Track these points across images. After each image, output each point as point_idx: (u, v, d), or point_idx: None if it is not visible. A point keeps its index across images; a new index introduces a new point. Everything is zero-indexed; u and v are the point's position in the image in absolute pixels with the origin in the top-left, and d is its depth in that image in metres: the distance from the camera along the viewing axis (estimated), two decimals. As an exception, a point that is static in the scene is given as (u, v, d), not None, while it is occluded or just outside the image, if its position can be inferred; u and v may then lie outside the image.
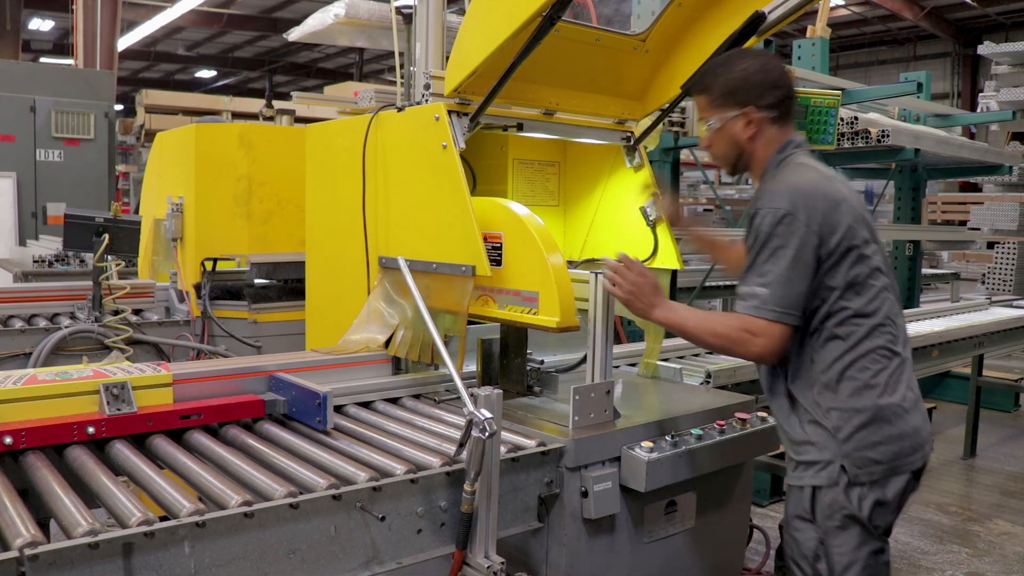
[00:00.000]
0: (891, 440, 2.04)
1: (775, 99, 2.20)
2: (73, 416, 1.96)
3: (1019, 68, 8.59)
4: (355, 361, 2.54)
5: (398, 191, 2.65)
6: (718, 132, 2.25)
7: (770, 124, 2.21)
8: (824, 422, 2.07)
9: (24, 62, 12.85)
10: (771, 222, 2.03)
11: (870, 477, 2.03)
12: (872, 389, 2.04)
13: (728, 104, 2.21)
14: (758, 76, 2.19)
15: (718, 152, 2.30)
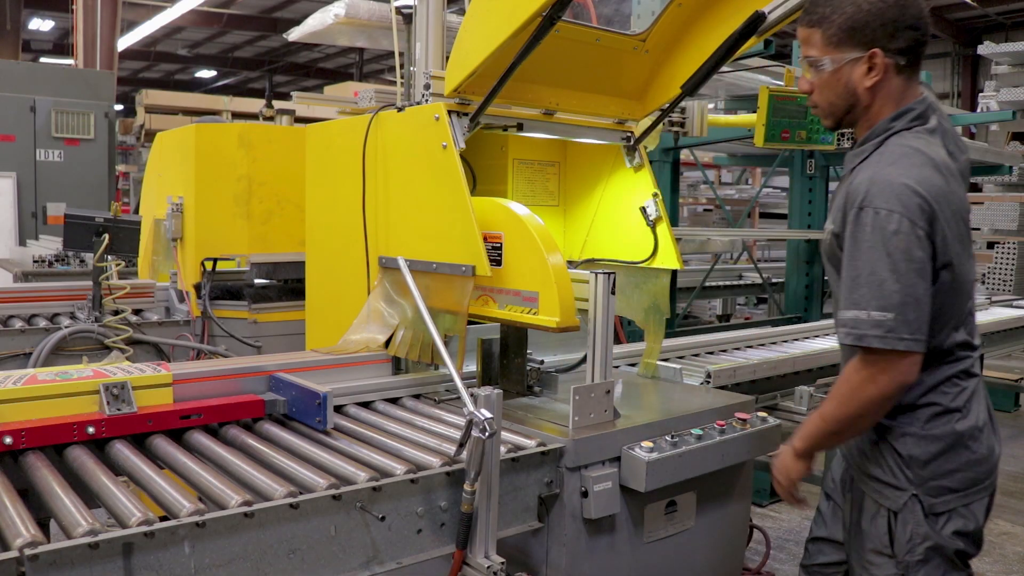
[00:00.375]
0: (967, 467, 1.90)
1: (907, 42, 1.84)
2: (73, 416, 1.96)
3: (1019, 68, 8.59)
4: (355, 361, 2.54)
5: (398, 191, 2.65)
6: (829, 77, 1.90)
7: (896, 74, 1.87)
8: (899, 447, 1.91)
9: (24, 62, 12.85)
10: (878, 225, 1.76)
11: (946, 506, 1.89)
12: (951, 414, 1.89)
13: (849, 43, 1.85)
14: (892, 12, 1.82)
15: (822, 101, 1.95)
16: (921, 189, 1.78)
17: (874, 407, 1.84)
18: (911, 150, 1.86)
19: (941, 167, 1.85)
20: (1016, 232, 9.57)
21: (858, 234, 1.80)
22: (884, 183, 1.79)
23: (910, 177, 1.80)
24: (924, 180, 1.80)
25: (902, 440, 1.91)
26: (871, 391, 1.81)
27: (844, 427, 1.91)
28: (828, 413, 1.92)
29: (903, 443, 1.91)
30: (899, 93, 1.91)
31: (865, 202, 1.80)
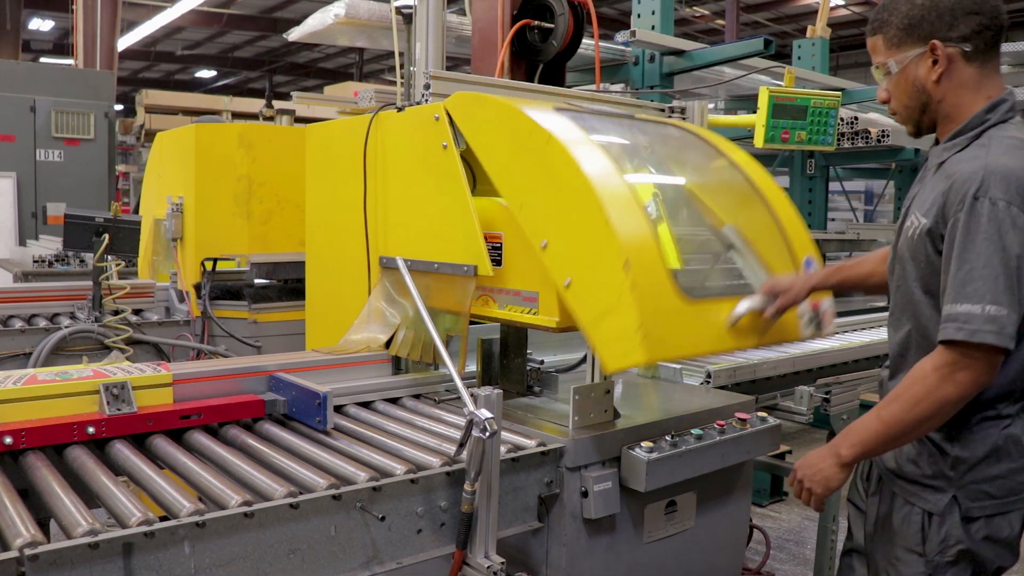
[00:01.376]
0: (1010, 474, 1.84)
1: (970, 28, 1.78)
2: (73, 416, 1.96)
3: (1019, 68, 8.59)
4: (355, 361, 2.54)
5: (398, 191, 2.66)
6: (898, 78, 1.87)
7: (964, 63, 1.80)
8: (946, 448, 1.86)
9: (24, 62, 12.86)
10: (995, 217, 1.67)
11: (982, 512, 1.85)
12: (1002, 419, 1.84)
13: (909, 40, 1.83)
14: (947, 1, 1.78)
15: (899, 105, 1.91)
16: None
17: (949, 407, 1.76)
18: (1019, 142, 1.79)
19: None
20: (1016, 232, 9.56)
21: (972, 225, 1.70)
22: (1001, 174, 1.71)
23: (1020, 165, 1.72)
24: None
25: (948, 443, 1.86)
26: (949, 391, 1.73)
27: (908, 430, 1.81)
28: (893, 416, 1.81)
29: (950, 445, 1.86)
30: (974, 83, 1.83)
31: (980, 192, 1.71)
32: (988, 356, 1.70)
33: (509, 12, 3.39)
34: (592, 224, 2.04)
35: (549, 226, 2.17)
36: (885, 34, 1.88)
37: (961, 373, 1.71)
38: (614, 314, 1.98)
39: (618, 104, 3.03)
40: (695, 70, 4.18)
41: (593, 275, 2.04)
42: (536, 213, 2.21)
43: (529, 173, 2.22)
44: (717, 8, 18.56)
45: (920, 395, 1.76)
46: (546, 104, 2.35)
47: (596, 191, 2.04)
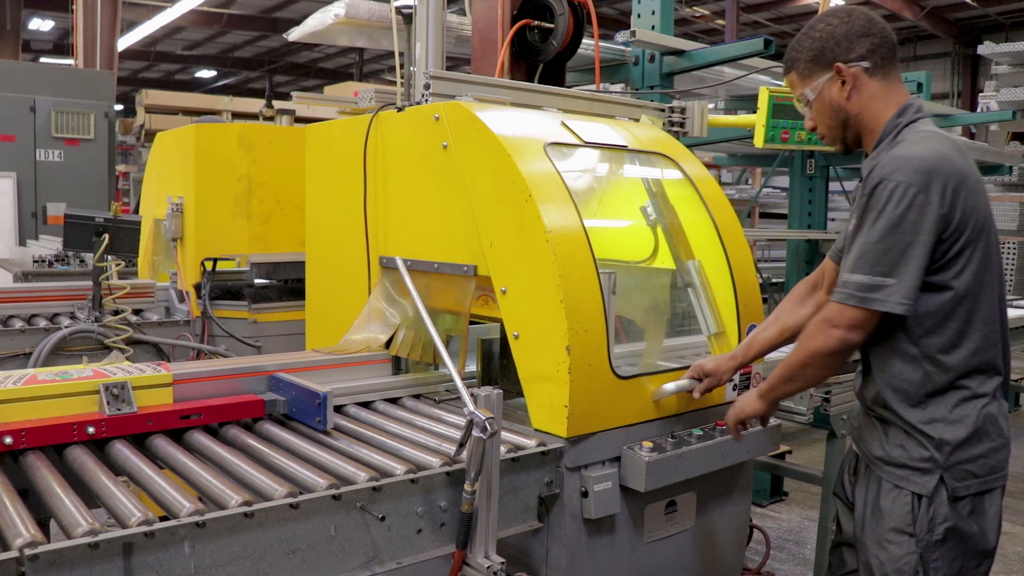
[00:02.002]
0: (990, 453, 1.94)
1: (865, 48, 2.01)
2: (73, 416, 1.96)
3: (1019, 68, 8.59)
4: (355, 361, 2.54)
5: (398, 191, 2.66)
6: (817, 104, 2.08)
7: (868, 78, 2.02)
8: (929, 431, 1.94)
9: (24, 62, 12.85)
10: (895, 198, 1.85)
11: (967, 491, 1.93)
12: (980, 399, 1.94)
13: (817, 69, 2.06)
14: (841, 29, 2.02)
15: (823, 128, 2.12)
16: (940, 164, 1.86)
17: (819, 358, 1.96)
18: (928, 133, 1.97)
19: (961, 146, 1.96)
20: (1016, 232, 9.57)
21: (872, 204, 1.89)
22: (903, 159, 1.89)
23: (930, 153, 1.88)
24: (944, 157, 1.88)
25: (932, 425, 1.94)
26: (820, 342, 1.94)
27: (796, 373, 2.03)
28: (787, 359, 2.05)
29: (933, 427, 1.94)
30: (881, 94, 2.05)
31: (884, 176, 1.89)
32: (861, 317, 1.89)
33: (509, 12, 3.39)
34: (547, 300, 2.15)
35: (511, 275, 2.25)
36: (797, 69, 2.11)
37: (835, 330, 1.92)
38: (550, 383, 2.14)
39: (618, 105, 3.04)
40: (695, 70, 4.17)
41: (538, 340, 2.17)
42: (502, 257, 2.28)
43: (504, 217, 2.27)
44: (717, 8, 18.55)
45: (803, 343, 2.00)
46: (537, 141, 2.37)
47: (558, 274, 2.12)
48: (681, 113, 3.20)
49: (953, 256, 1.89)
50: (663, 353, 2.66)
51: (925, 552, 1.94)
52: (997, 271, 1.98)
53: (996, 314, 1.97)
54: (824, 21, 2.06)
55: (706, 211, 2.71)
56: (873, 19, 2.06)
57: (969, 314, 1.92)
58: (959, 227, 1.87)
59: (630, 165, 2.89)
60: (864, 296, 1.87)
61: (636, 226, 2.85)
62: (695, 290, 2.69)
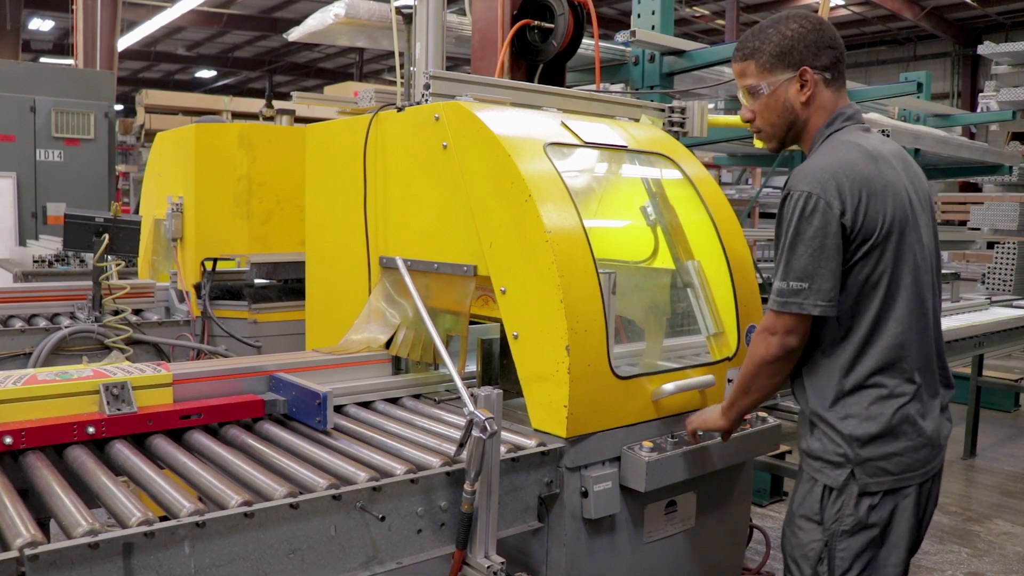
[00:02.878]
0: (905, 452, 1.98)
1: (830, 60, 2.07)
2: (73, 416, 1.96)
3: (1019, 68, 8.58)
4: (355, 361, 2.54)
5: (398, 191, 2.66)
6: (768, 99, 2.10)
7: (824, 87, 2.08)
8: (841, 427, 2.00)
9: (24, 62, 12.85)
10: (800, 207, 1.93)
11: (880, 487, 1.98)
12: (897, 398, 1.98)
13: (780, 66, 2.07)
14: (813, 35, 2.06)
15: (765, 123, 2.15)
16: (841, 172, 1.94)
17: (765, 366, 2.04)
18: (842, 142, 2.05)
19: (872, 153, 2.01)
20: (1016, 232, 9.56)
21: (781, 216, 2.00)
22: (808, 169, 1.98)
23: (833, 162, 1.97)
24: (848, 164, 1.96)
25: (846, 421, 1.99)
26: (762, 350, 2.02)
27: (749, 385, 2.10)
28: (740, 374, 2.13)
29: (846, 423, 1.99)
30: (831, 105, 2.11)
31: (789, 188, 1.99)
32: (791, 322, 1.97)
33: (509, 12, 3.39)
34: (547, 300, 2.15)
35: (511, 276, 2.25)
36: (758, 60, 2.11)
37: (772, 336, 2.00)
38: (549, 383, 2.14)
39: (618, 105, 3.04)
40: (695, 70, 4.17)
41: (538, 340, 2.17)
42: (502, 257, 2.28)
43: (504, 217, 2.27)
44: (717, 8, 18.55)
45: (750, 354, 2.09)
46: (537, 141, 2.37)
47: (558, 274, 2.12)
48: (681, 113, 3.20)
49: (860, 259, 1.95)
50: (663, 353, 2.66)
51: (831, 540, 2.02)
52: (912, 271, 2.01)
53: (914, 313, 2.01)
54: (796, 22, 2.09)
55: (706, 211, 2.71)
56: (836, 33, 2.12)
57: (879, 315, 1.98)
58: (863, 232, 1.94)
59: (630, 165, 2.89)
60: (785, 301, 1.95)
61: (636, 226, 2.85)
62: (695, 290, 2.69)
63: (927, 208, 2.11)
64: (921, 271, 2.03)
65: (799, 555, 2.09)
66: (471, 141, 2.36)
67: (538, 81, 3.44)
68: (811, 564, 2.06)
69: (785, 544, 2.16)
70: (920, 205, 2.07)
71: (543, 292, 2.15)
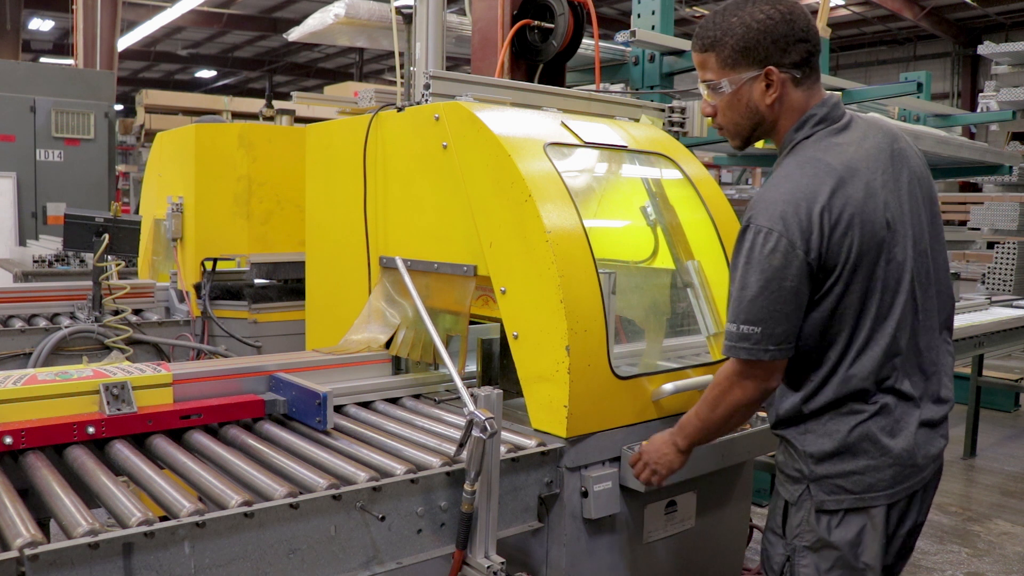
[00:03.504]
0: (867, 471, 1.87)
1: (800, 56, 1.86)
2: (73, 416, 1.96)
3: (1019, 68, 8.59)
4: (355, 361, 2.54)
5: (398, 191, 2.66)
6: (730, 98, 1.92)
7: (794, 87, 1.88)
8: (797, 443, 1.93)
9: (24, 62, 12.85)
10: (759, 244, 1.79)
11: (838, 505, 1.89)
12: (856, 415, 1.87)
13: (743, 63, 1.87)
14: (781, 28, 1.84)
15: (727, 122, 1.97)
16: (803, 205, 1.78)
17: (743, 408, 1.94)
18: (806, 158, 1.86)
19: (840, 172, 1.83)
20: (1016, 232, 9.56)
21: (738, 250, 1.85)
22: (768, 201, 1.82)
23: (794, 192, 1.80)
24: (809, 193, 1.79)
25: (804, 436, 1.93)
26: (738, 395, 1.91)
27: (718, 426, 2.01)
28: (703, 414, 2.01)
29: (803, 439, 1.93)
30: (802, 105, 1.92)
31: (750, 220, 1.83)
32: (761, 366, 1.85)
33: (509, 12, 3.39)
34: (547, 300, 2.14)
35: (511, 275, 2.25)
36: (719, 53, 1.90)
37: (746, 381, 1.89)
38: (549, 383, 2.13)
39: (618, 105, 3.04)
40: (695, 70, 4.18)
41: (538, 340, 2.17)
42: (502, 257, 2.27)
43: (504, 217, 2.27)
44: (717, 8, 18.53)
45: (718, 398, 1.96)
46: (537, 141, 2.38)
47: (558, 274, 2.11)
48: (681, 113, 3.20)
49: (825, 292, 1.82)
50: (663, 353, 2.66)
51: (793, 555, 1.96)
52: (885, 292, 1.86)
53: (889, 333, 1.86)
54: (763, 11, 1.86)
55: (706, 211, 2.71)
56: (811, 21, 1.90)
57: (847, 342, 1.86)
58: (827, 266, 1.80)
59: (630, 165, 2.89)
60: (732, 346, 1.85)
61: (636, 226, 2.85)
62: (695, 290, 2.69)
63: (918, 208, 1.93)
64: (894, 291, 1.87)
65: (767, 567, 2.07)
66: (471, 141, 2.36)
67: (538, 81, 3.44)
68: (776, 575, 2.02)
69: (760, 557, 2.13)
70: (901, 213, 1.89)
71: (543, 292, 2.15)
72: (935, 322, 1.99)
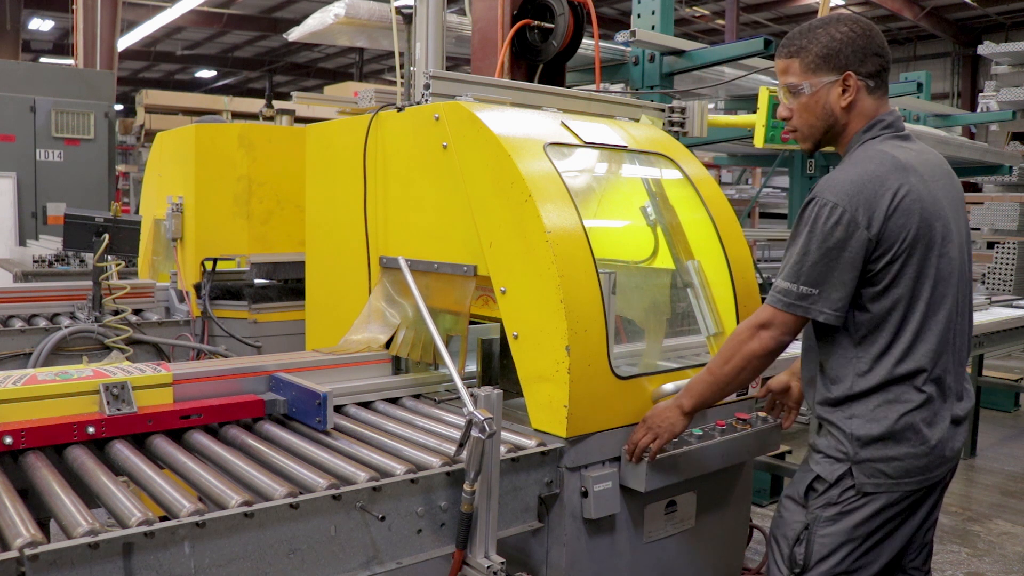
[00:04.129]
0: (906, 457, 1.99)
1: (875, 67, 2.06)
2: (73, 416, 1.96)
3: (1019, 68, 8.60)
4: (355, 361, 2.54)
5: (398, 191, 2.66)
6: (808, 100, 2.09)
7: (867, 94, 2.07)
8: (844, 425, 2.02)
9: (24, 62, 12.85)
10: (824, 216, 1.93)
11: (876, 489, 2.00)
12: (903, 404, 1.99)
13: (824, 68, 2.05)
14: (861, 40, 2.04)
15: (803, 123, 2.13)
16: (869, 185, 1.94)
17: (755, 360, 2.05)
18: (875, 151, 2.03)
19: (904, 164, 1.99)
20: (1016, 232, 9.57)
21: (801, 220, 2.00)
22: (835, 179, 1.99)
23: (862, 175, 1.96)
24: (876, 177, 1.96)
25: (851, 420, 2.02)
26: (754, 345, 2.03)
27: (729, 380, 2.10)
28: (717, 368, 2.11)
29: (851, 423, 2.02)
30: (871, 112, 2.09)
31: (814, 194, 1.99)
32: (789, 321, 2.00)
33: (509, 12, 3.39)
34: (547, 300, 2.15)
35: (510, 275, 2.25)
36: (803, 59, 2.09)
37: (765, 331, 2.02)
38: (549, 383, 2.14)
39: (618, 105, 3.04)
40: (695, 70, 4.18)
41: (538, 340, 2.17)
42: (502, 257, 2.28)
43: (503, 217, 2.27)
44: (717, 8, 18.55)
45: (735, 348, 2.07)
46: (537, 141, 2.38)
47: (558, 274, 2.12)
48: (681, 113, 3.20)
49: (880, 271, 1.95)
50: (663, 353, 2.66)
51: (812, 524, 2.05)
52: (939, 283, 2.00)
53: (934, 326, 2.00)
54: (847, 25, 2.06)
55: (706, 211, 2.71)
56: (884, 41, 2.09)
57: (899, 326, 1.98)
58: (885, 245, 1.94)
59: (630, 165, 2.89)
60: (791, 303, 1.98)
61: (636, 226, 2.85)
62: (695, 290, 2.69)
63: (961, 220, 2.09)
64: (946, 284, 2.01)
65: (779, 533, 2.14)
66: (471, 141, 2.36)
67: (538, 81, 3.44)
68: (789, 543, 2.10)
69: (772, 524, 2.20)
70: (954, 218, 2.05)
71: (543, 292, 2.15)
72: (968, 324, 2.14)
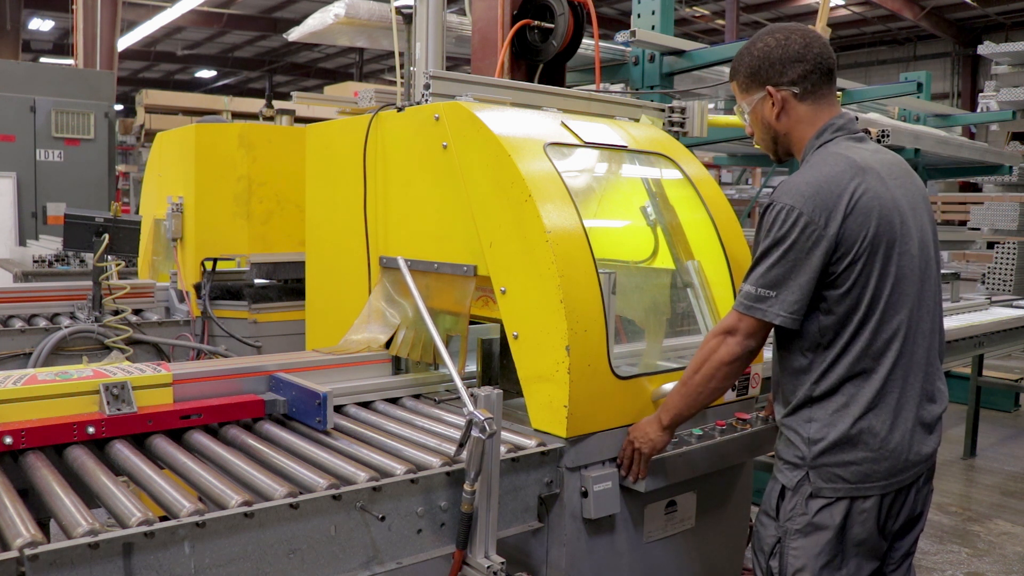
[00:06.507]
0: (864, 462, 1.98)
1: (797, 74, 2.09)
2: (73, 416, 1.96)
3: (1019, 68, 8.59)
4: (355, 361, 2.54)
5: (398, 191, 2.66)
6: (751, 117, 2.20)
7: (797, 101, 2.11)
8: (801, 430, 2.03)
9: (24, 62, 12.85)
10: (780, 220, 1.96)
11: (834, 494, 2.00)
12: (855, 407, 1.99)
13: (754, 86, 2.14)
14: (777, 52, 2.10)
15: (758, 139, 2.24)
16: (826, 187, 1.96)
17: (724, 367, 2.05)
18: (829, 154, 2.06)
19: (860, 165, 2.01)
20: (1016, 232, 9.56)
21: (761, 226, 2.03)
22: (792, 183, 2.01)
23: (818, 177, 1.98)
24: (832, 179, 1.97)
25: (808, 424, 2.03)
26: (722, 352, 2.04)
27: (700, 390, 2.10)
28: (688, 379, 2.12)
29: (807, 427, 2.03)
30: (809, 117, 2.13)
31: (772, 199, 2.02)
32: (752, 325, 2.01)
33: (509, 12, 3.39)
34: (547, 300, 2.14)
35: (510, 275, 2.25)
36: (738, 81, 2.19)
37: (731, 337, 2.03)
38: (549, 383, 2.14)
39: (618, 105, 3.04)
40: (695, 70, 4.18)
41: (538, 340, 2.17)
42: (502, 257, 2.28)
43: (503, 217, 2.27)
44: (717, 8, 18.56)
45: (704, 357, 2.08)
46: (537, 141, 2.38)
47: (558, 274, 2.12)
48: (681, 113, 3.20)
49: (841, 272, 1.96)
50: (663, 353, 2.66)
51: (784, 537, 2.07)
52: (899, 281, 1.99)
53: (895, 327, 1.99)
54: (763, 40, 2.13)
55: (706, 211, 2.71)
56: (810, 43, 2.11)
57: (859, 327, 1.98)
58: (844, 246, 1.94)
59: (630, 165, 2.89)
60: (750, 305, 1.99)
61: (636, 226, 2.85)
62: (695, 290, 2.69)
63: (922, 217, 2.10)
64: (907, 283, 2.01)
65: (757, 548, 2.17)
66: (471, 141, 2.36)
67: (538, 81, 3.44)
68: (765, 557, 2.12)
69: (752, 538, 2.22)
70: (913, 216, 2.06)
71: (543, 292, 2.15)
72: (935, 324, 2.12)
